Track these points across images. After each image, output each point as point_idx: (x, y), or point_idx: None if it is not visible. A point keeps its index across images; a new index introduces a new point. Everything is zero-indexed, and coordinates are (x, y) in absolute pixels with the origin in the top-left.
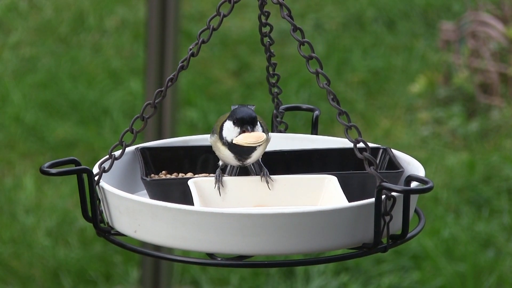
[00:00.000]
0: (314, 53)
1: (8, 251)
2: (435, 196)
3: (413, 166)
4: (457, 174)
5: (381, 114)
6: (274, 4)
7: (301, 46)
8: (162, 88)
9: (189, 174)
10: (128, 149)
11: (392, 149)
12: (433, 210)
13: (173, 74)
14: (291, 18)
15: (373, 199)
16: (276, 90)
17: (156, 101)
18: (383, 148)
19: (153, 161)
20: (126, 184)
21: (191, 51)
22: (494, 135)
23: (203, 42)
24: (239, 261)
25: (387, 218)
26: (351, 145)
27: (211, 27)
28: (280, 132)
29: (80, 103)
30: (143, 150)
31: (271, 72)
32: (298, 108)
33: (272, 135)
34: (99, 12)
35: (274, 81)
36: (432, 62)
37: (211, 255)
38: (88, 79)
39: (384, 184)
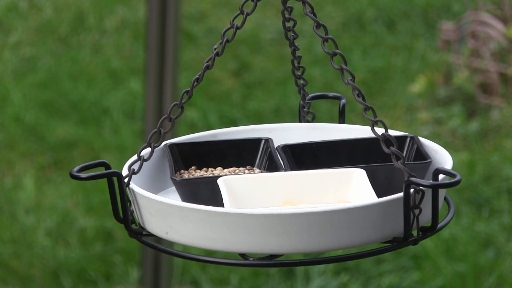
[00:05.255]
0: (337, 49)
1: (8, 251)
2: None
3: (440, 154)
4: None
5: (381, 114)
6: (296, 1)
7: (325, 42)
8: (188, 89)
9: (218, 169)
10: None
11: (419, 137)
12: None
13: (198, 74)
14: (314, 15)
15: (401, 194)
16: (302, 82)
17: (183, 102)
18: (410, 137)
19: (182, 157)
20: (157, 182)
21: (216, 50)
22: (494, 135)
23: (227, 41)
24: (270, 260)
25: (416, 211)
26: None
27: (235, 25)
28: (308, 121)
29: (80, 103)
30: (171, 147)
31: (296, 65)
32: (324, 97)
33: (299, 125)
34: (99, 12)
35: (299, 74)
36: (432, 62)
37: (243, 255)
38: (88, 79)
39: (412, 179)
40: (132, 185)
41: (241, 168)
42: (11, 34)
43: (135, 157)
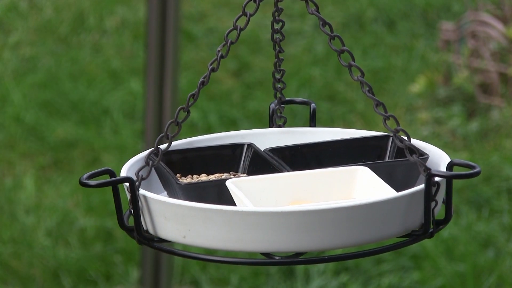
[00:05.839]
0: (344, 46)
1: (8, 251)
2: None
3: (429, 151)
4: None
5: None
6: (300, 0)
7: (332, 40)
8: (194, 92)
9: (203, 175)
10: (142, 154)
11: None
12: None
13: (203, 76)
14: (319, 13)
15: (422, 186)
16: (280, 85)
17: (189, 105)
18: (392, 136)
19: (167, 165)
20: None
21: (220, 52)
22: (494, 135)
23: (232, 43)
24: (296, 258)
25: (433, 204)
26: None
27: (238, 27)
28: (280, 126)
29: (80, 103)
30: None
31: (277, 68)
32: (292, 102)
33: (272, 130)
34: (99, 12)
35: (279, 77)
36: (432, 62)
37: (266, 254)
38: (88, 79)
39: (433, 171)
40: (143, 191)
41: (225, 174)
42: (11, 34)
43: (131, 161)
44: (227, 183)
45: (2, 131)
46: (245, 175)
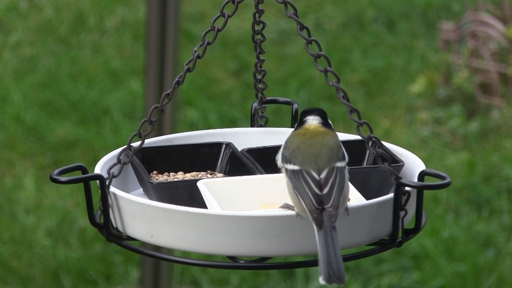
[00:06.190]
0: (321, 51)
1: (8, 251)
2: (435, 196)
3: (406, 157)
4: (457, 174)
5: (381, 114)
6: (279, 3)
7: (309, 44)
8: (169, 91)
9: (180, 173)
10: (117, 151)
11: (382, 141)
12: (433, 210)
13: (179, 76)
14: (297, 17)
15: (391, 195)
16: (261, 85)
17: (163, 104)
18: (373, 140)
19: (143, 162)
20: (119, 186)
21: (196, 53)
22: (494, 135)
23: (208, 43)
24: (261, 263)
25: (402, 213)
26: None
27: (216, 28)
28: (261, 126)
29: (80, 103)
30: (136, 153)
31: (258, 69)
32: (275, 102)
33: (253, 130)
34: (99, 12)
35: (260, 77)
36: (432, 62)
37: (232, 258)
38: (88, 79)
39: (403, 180)
40: (114, 188)
41: (202, 173)
42: (11, 34)
43: (105, 158)
44: (198, 184)
45: (2, 131)
46: (221, 175)
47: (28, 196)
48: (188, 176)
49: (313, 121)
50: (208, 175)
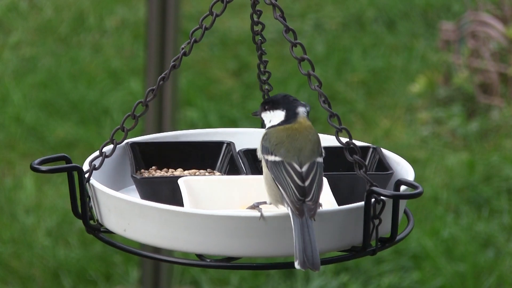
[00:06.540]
0: (306, 54)
1: (8, 251)
2: (435, 196)
3: (402, 166)
4: (457, 174)
5: (381, 114)
6: (267, 4)
7: (294, 47)
8: (154, 87)
9: (179, 170)
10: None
11: (382, 149)
12: (433, 210)
13: (164, 73)
14: (284, 19)
15: (362, 203)
16: (267, 87)
17: (148, 100)
18: (373, 148)
19: (143, 156)
20: (117, 180)
21: (183, 50)
22: (494, 135)
23: (195, 41)
24: (227, 262)
25: (376, 221)
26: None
27: (204, 26)
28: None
29: (80, 103)
30: (133, 145)
31: (262, 70)
32: None
33: (261, 130)
34: (99, 12)
35: (265, 78)
36: (432, 62)
37: (199, 256)
38: (88, 79)
39: (374, 188)
40: (92, 180)
41: (201, 171)
42: (11, 34)
43: (96, 153)
44: (179, 181)
45: (2, 131)
46: (219, 173)
47: (28, 196)
48: (186, 173)
49: (303, 114)
50: (207, 173)
